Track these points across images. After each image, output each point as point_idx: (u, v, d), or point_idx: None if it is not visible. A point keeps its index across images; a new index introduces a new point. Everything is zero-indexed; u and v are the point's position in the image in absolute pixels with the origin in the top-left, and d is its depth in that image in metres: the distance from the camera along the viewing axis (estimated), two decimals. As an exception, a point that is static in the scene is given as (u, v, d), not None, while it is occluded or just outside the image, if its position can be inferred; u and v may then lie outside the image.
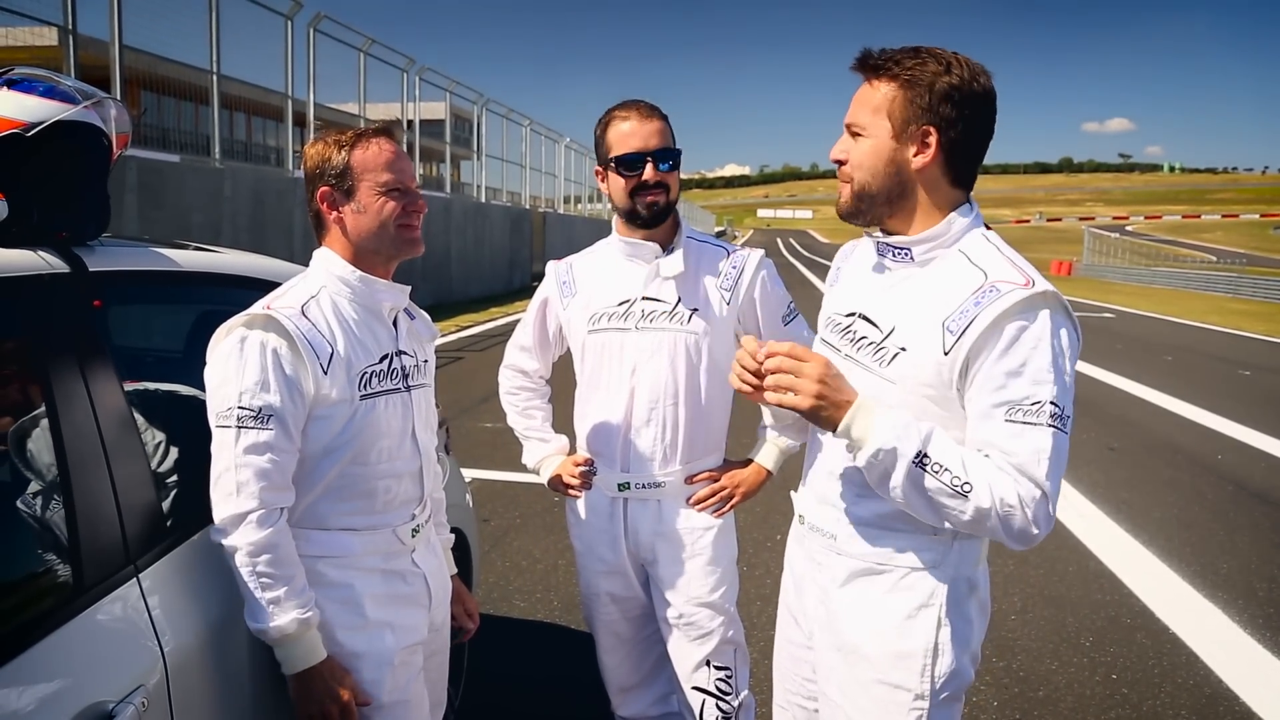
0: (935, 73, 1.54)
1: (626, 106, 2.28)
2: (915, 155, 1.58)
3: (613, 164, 2.26)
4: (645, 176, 2.23)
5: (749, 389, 1.65)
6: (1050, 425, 1.49)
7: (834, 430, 1.58)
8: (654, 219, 2.27)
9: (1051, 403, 1.49)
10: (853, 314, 1.73)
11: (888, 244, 1.67)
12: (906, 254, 1.65)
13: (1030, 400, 1.50)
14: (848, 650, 1.74)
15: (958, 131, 1.56)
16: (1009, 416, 1.51)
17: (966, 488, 1.50)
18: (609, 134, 2.27)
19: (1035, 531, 1.51)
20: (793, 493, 1.95)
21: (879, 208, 1.65)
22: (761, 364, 1.60)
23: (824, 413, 1.57)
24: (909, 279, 1.65)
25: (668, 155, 2.25)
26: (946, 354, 1.55)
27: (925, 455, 1.51)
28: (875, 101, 1.59)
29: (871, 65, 1.61)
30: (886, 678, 1.68)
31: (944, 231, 1.62)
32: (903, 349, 1.61)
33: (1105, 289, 34.73)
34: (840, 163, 1.66)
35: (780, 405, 1.60)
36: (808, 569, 1.85)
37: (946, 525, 1.58)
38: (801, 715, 1.94)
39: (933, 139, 1.57)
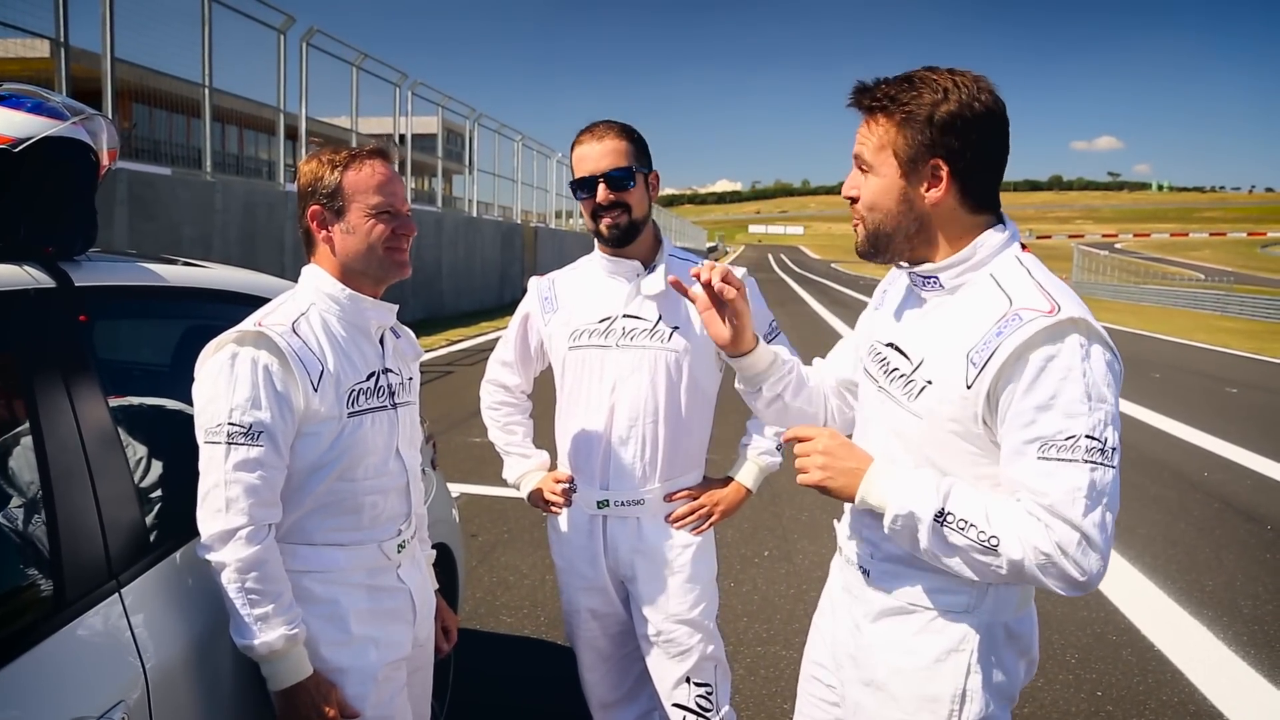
0: (933, 102, 1.45)
1: (587, 129, 2.29)
2: (928, 190, 1.50)
3: (572, 188, 2.30)
4: (598, 199, 2.24)
5: None
6: (1087, 460, 1.37)
7: (853, 501, 1.55)
8: (618, 239, 2.28)
9: (1087, 436, 1.38)
10: (889, 344, 1.64)
11: (917, 274, 1.58)
12: (935, 282, 1.56)
13: (1063, 435, 1.38)
14: (876, 688, 1.66)
15: (968, 158, 1.47)
16: (1041, 454, 1.39)
17: (993, 541, 1.40)
18: (572, 158, 2.30)
19: (1080, 578, 1.40)
20: (835, 522, 1.87)
21: (898, 245, 1.57)
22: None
23: (834, 484, 1.56)
24: (940, 307, 1.56)
25: (618, 174, 2.23)
26: (969, 387, 1.45)
27: (947, 513, 1.44)
28: (877, 139, 1.52)
29: (866, 104, 1.53)
30: (913, 719, 1.61)
31: (970, 255, 1.52)
32: (929, 382, 1.52)
33: (1095, 306, 34.54)
34: (853, 200, 1.58)
35: (804, 485, 1.59)
36: (843, 599, 1.79)
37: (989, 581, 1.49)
38: None
39: (943, 171, 1.48)
